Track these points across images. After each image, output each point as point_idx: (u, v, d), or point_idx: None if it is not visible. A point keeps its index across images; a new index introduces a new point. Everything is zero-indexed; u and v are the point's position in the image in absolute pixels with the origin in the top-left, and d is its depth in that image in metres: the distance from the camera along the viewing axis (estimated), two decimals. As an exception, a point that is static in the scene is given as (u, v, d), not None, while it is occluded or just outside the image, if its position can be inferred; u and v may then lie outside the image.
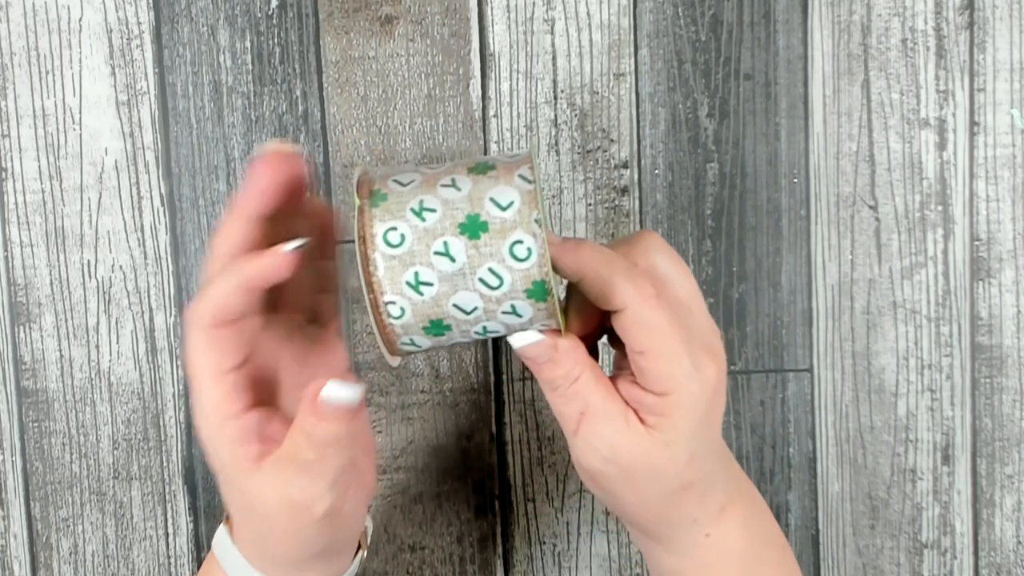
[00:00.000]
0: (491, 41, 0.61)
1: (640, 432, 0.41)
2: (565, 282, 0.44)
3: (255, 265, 0.40)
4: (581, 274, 0.41)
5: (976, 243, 0.61)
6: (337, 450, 0.41)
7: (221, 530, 0.46)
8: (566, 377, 0.42)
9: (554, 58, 0.61)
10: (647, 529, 0.45)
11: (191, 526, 0.63)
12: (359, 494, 0.44)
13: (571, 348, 0.42)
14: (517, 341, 0.42)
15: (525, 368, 0.62)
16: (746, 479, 0.48)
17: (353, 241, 0.41)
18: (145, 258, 0.62)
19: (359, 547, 0.49)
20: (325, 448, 0.40)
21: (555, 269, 0.42)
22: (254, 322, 0.42)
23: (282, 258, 0.40)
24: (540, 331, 0.42)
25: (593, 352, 0.44)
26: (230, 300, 0.40)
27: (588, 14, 0.60)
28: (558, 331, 0.42)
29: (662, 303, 0.41)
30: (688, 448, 0.42)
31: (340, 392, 0.39)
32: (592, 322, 0.45)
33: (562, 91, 0.61)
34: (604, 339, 0.46)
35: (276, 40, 0.61)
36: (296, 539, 0.42)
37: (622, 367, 0.45)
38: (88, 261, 0.62)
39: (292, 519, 0.41)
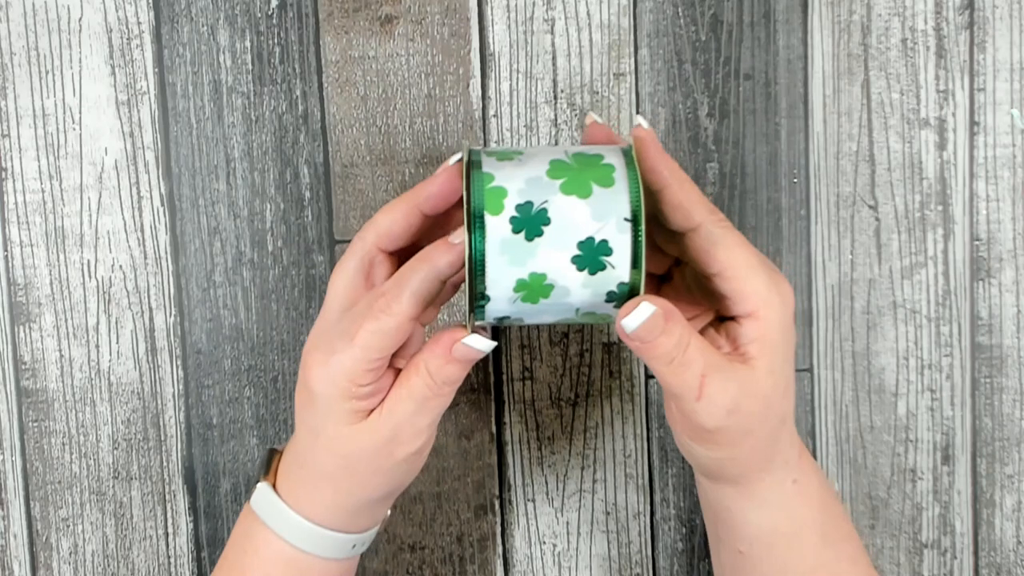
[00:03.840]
0: (491, 41, 0.61)
1: (748, 369, 0.43)
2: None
3: (424, 187, 0.45)
4: (665, 181, 0.43)
5: (976, 243, 0.61)
6: (451, 391, 0.45)
7: (264, 489, 0.48)
8: (679, 344, 0.41)
9: (554, 58, 0.61)
10: (748, 479, 0.46)
11: (191, 526, 0.63)
12: (432, 440, 0.48)
13: (674, 311, 0.42)
14: (631, 321, 0.41)
15: (525, 368, 0.62)
16: None
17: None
18: (145, 258, 0.62)
19: None
20: (443, 387, 0.44)
21: (648, 169, 0.43)
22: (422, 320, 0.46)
23: (446, 173, 0.45)
24: (627, 292, 0.42)
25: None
26: (396, 223, 0.45)
27: (588, 14, 0.60)
28: (634, 295, 0.42)
29: (731, 226, 0.43)
30: (784, 373, 0.44)
31: (479, 343, 0.44)
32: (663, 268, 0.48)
33: (562, 91, 0.61)
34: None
35: (276, 40, 0.61)
36: (380, 479, 0.46)
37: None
38: (88, 261, 0.62)
39: (388, 456, 0.45)
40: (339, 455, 0.45)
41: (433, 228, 0.47)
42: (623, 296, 0.42)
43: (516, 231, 0.40)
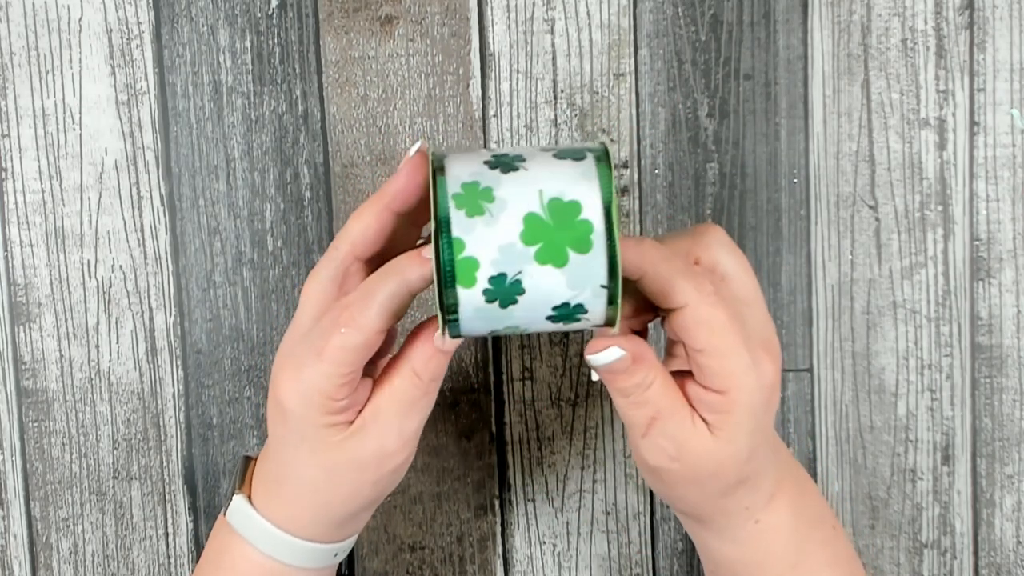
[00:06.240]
0: (491, 41, 0.61)
1: (705, 433, 0.43)
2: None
3: (390, 185, 0.43)
4: (641, 271, 0.42)
5: (976, 243, 0.61)
6: (436, 388, 0.44)
7: (240, 501, 0.47)
8: (639, 385, 0.43)
9: (554, 58, 0.61)
10: (702, 519, 0.47)
11: (191, 526, 0.63)
12: (415, 448, 0.47)
13: (644, 355, 0.43)
14: (596, 359, 0.42)
15: (525, 368, 0.62)
16: (794, 462, 0.49)
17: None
18: (145, 258, 0.62)
19: None
20: (431, 383, 0.43)
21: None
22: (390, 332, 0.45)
23: (408, 166, 0.43)
24: (598, 325, 0.42)
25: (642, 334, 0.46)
26: (369, 228, 0.44)
27: (588, 14, 0.60)
28: (610, 325, 0.42)
29: (721, 301, 0.41)
30: (749, 444, 0.43)
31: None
32: (646, 316, 0.46)
33: (562, 91, 0.61)
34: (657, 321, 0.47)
35: (276, 40, 0.61)
36: (367, 490, 0.45)
37: (673, 353, 0.48)
38: (88, 261, 0.62)
39: (376, 468, 0.44)
40: (324, 468, 0.44)
41: (409, 227, 0.46)
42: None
43: (489, 301, 0.40)
